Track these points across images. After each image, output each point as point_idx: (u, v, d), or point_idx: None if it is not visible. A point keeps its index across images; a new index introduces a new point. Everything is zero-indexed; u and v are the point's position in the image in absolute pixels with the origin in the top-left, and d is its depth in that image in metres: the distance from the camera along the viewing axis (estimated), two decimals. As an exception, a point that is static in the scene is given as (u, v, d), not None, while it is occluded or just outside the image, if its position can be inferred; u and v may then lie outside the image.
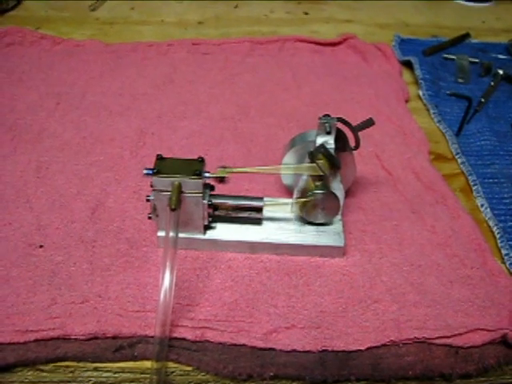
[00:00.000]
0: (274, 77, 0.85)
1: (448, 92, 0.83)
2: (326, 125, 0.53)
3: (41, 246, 0.55)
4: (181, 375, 0.47)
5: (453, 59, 0.90)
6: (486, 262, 0.55)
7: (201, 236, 0.55)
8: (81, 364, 0.46)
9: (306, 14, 1.08)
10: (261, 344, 0.47)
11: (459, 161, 0.70)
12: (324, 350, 0.47)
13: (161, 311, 0.45)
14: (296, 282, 0.53)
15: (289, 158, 0.59)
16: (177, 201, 0.49)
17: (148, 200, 0.53)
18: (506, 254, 0.57)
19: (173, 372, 0.46)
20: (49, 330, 0.47)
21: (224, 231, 0.56)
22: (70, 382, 0.47)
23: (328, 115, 0.55)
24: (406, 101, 0.81)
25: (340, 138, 0.56)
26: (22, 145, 0.69)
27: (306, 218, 0.56)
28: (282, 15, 1.07)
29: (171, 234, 0.48)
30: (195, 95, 0.80)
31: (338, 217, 0.57)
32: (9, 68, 0.85)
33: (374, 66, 0.87)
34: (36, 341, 0.47)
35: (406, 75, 0.88)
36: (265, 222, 0.57)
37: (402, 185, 0.65)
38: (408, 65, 0.89)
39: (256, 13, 1.08)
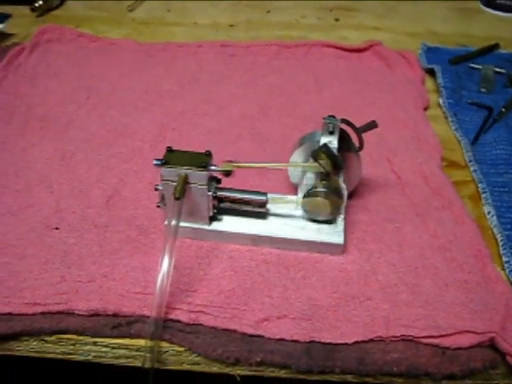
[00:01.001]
0: (297, 80, 0.87)
1: (469, 101, 0.82)
2: (330, 125, 0.55)
3: (56, 228, 0.59)
4: (173, 355, 0.49)
5: (478, 69, 0.90)
6: (484, 267, 0.56)
7: (206, 226, 0.57)
8: (81, 338, 0.49)
9: (337, 20, 1.10)
10: (250, 330, 0.49)
11: (471, 168, 0.70)
12: (311, 341, 0.48)
13: (157, 294, 0.47)
14: (293, 275, 0.55)
15: (297, 155, 0.61)
16: (181, 191, 0.52)
17: (156, 189, 0.56)
18: (507, 262, 0.57)
19: (166, 352, 0.49)
20: (55, 305, 0.50)
21: (229, 223, 0.58)
22: (71, 354, 0.50)
23: (333, 116, 0.56)
24: (425, 108, 0.82)
25: (344, 139, 0.58)
26: (50, 134, 0.73)
27: (308, 215, 0.57)
28: (313, 21, 1.09)
29: (173, 221, 0.50)
30: (218, 94, 0.83)
31: (342, 216, 0.59)
32: (47, 63, 0.90)
33: (397, 73, 0.88)
34: (42, 313, 0.50)
35: (429, 83, 0.88)
36: (270, 217, 0.59)
37: (409, 189, 0.66)
38: (433, 73, 0.89)
39: (287, 18, 1.10)
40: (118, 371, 0.55)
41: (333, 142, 0.56)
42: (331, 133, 0.55)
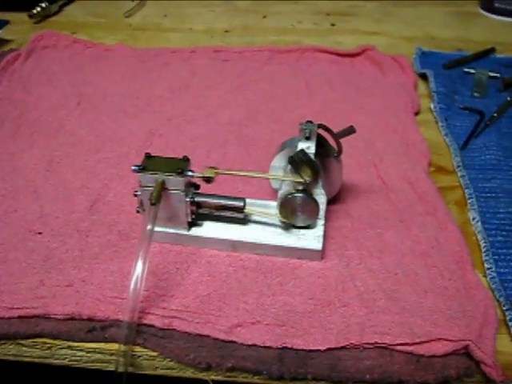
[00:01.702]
0: (288, 85, 0.87)
1: (461, 106, 0.82)
2: (306, 131, 0.55)
3: (39, 233, 0.60)
4: (147, 360, 0.49)
5: (472, 73, 0.89)
6: (465, 274, 0.55)
7: (185, 232, 0.58)
8: (57, 341, 0.50)
9: (333, 25, 1.10)
10: (223, 336, 0.49)
11: (459, 174, 0.69)
12: (284, 347, 0.48)
13: (130, 298, 0.48)
14: (270, 281, 0.54)
15: (277, 160, 0.60)
16: (157, 196, 0.52)
17: (135, 195, 0.56)
18: (489, 268, 0.56)
19: (140, 356, 0.49)
20: (32, 309, 0.51)
21: (208, 228, 0.58)
22: (47, 357, 0.51)
23: (310, 122, 0.56)
24: (416, 113, 0.81)
25: (322, 144, 0.57)
26: (40, 140, 0.74)
27: (286, 221, 0.57)
28: (308, 26, 1.09)
29: (148, 226, 0.51)
30: (208, 100, 0.83)
31: (322, 221, 0.59)
32: (41, 69, 0.91)
33: (389, 78, 0.88)
34: (19, 317, 0.51)
35: (422, 88, 0.88)
36: (250, 223, 0.59)
37: (394, 194, 0.65)
38: (425, 77, 0.89)
39: (283, 23, 1.10)
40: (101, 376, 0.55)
41: (310, 147, 0.56)
42: (307, 138, 0.55)
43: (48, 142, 0.74)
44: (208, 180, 0.56)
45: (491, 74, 0.88)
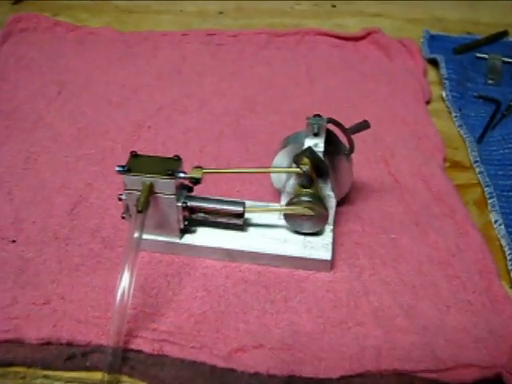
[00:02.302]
0: (287, 71, 0.80)
1: (475, 94, 0.76)
2: (314, 126, 0.48)
3: (13, 241, 0.53)
4: (137, 390, 0.43)
5: (485, 59, 0.83)
6: (490, 286, 0.49)
7: (177, 240, 0.51)
8: (31, 370, 0.43)
9: (334, 6, 1.02)
10: (221, 363, 0.43)
11: (477, 170, 0.63)
12: (291, 376, 0.42)
13: (115, 319, 0.42)
14: (273, 296, 0.48)
15: (280, 158, 0.54)
16: (144, 202, 0.46)
17: (120, 199, 0.49)
18: (516, 279, 0.51)
19: (127, 387, 0.43)
20: (2, 332, 0.45)
21: (202, 236, 0.52)
22: (22, 388, 0.44)
23: (318, 115, 0.50)
24: (427, 102, 0.75)
25: (332, 141, 0.51)
26: (16, 134, 0.67)
27: (291, 227, 0.51)
28: (308, 7, 1.02)
29: (135, 234, 0.44)
30: (201, 88, 0.76)
31: (330, 226, 0.53)
32: (18, 54, 0.83)
33: (396, 63, 0.81)
34: (-13, 342, 0.44)
35: (432, 74, 0.81)
36: (249, 228, 0.53)
37: (408, 194, 0.59)
38: (435, 63, 0.82)
39: (281, 4, 1.02)
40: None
41: (319, 144, 0.50)
42: (316, 134, 0.49)
43: (25, 136, 0.67)
44: (195, 181, 0.49)
45: (505, 60, 0.82)
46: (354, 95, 0.75)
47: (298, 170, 0.48)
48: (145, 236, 0.51)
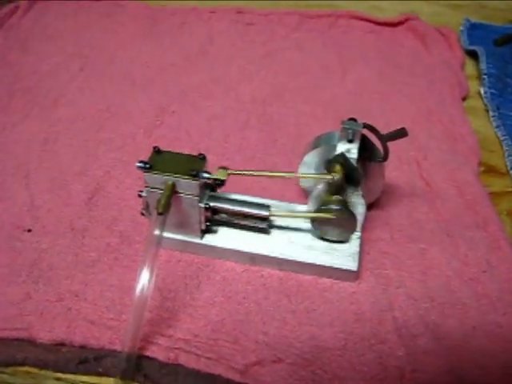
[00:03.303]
0: (318, 57, 0.77)
1: (516, 92, 0.72)
2: (349, 132, 0.46)
3: (29, 230, 0.52)
4: (149, 398, 0.42)
5: (529, 52, 0.78)
6: (522, 308, 0.47)
7: (198, 240, 0.49)
8: (42, 372, 0.42)
9: (371, -15, 0.97)
10: (238, 378, 0.41)
11: (514, 177, 0.60)
12: (309, 395, 0.41)
13: (132, 323, 0.40)
14: (295, 306, 0.46)
15: (310, 158, 0.51)
16: (166, 204, 0.44)
17: (140, 196, 0.47)
18: (550, 302, 0.48)
19: (140, 394, 0.42)
20: (14, 330, 0.43)
21: (224, 237, 0.50)
22: (32, 387, 0.44)
23: (354, 119, 0.47)
24: (464, 98, 0.71)
25: (367, 148, 0.48)
26: (36, 111, 0.65)
27: (317, 233, 0.49)
28: (343, -15, 0.97)
29: (155, 232, 0.42)
30: (228, 71, 0.73)
31: (357, 234, 0.50)
32: (42, 25, 0.81)
33: (433, 54, 0.77)
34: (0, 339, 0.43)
35: (469, 67, 0.77)
36: (272, 231, 0.51)
37: (440, 200, 0.56)
38: (473, 55, 0.78)
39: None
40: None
41: (352, 150, 0.47)
42: (350, 141, 0.46)
43: (45, 114, 0.65)
44: (220, 183, 0.47)
45: (551, 55, 0.77)
46: (388, 88, 0.71)
47: (329, 177, 0.45)
48: (165, 234, 0.49)
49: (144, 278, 0.40)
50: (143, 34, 0.79)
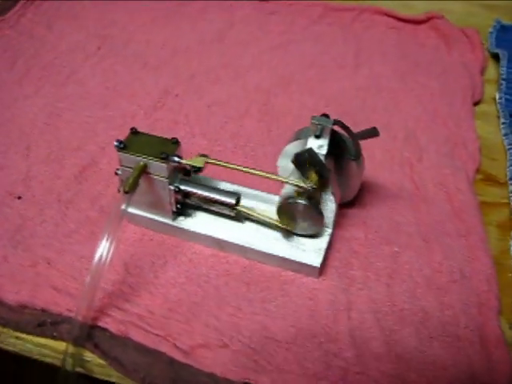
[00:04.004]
0: (334, 50, 0.76)
1: (533, 100, 0.68)
2: (318, 127, 0.45)
3: (19, 198, 0.55)
4: (99, 366, 0.44)
5: (557, 59, 0.74)
6: (486, 324, 0.45)
7: (169, 221, 0.51)
8: (5, 330, 0.45)
9: (405, -19, 0.94)
10: (180, 357, 0.42)
11: (510, 188, 0.58)
12: (246, 383, 0.41)
13: (85, 293, 0.42)
14: (253, 295, 0.47)
15: (291, 149, 0.50)
16: (133, 184, 0.45)
17: (116, 174, 0.49)
18: (518, 320, 0.46)
19: (89, 361, 0.44)
20: (-15, 290, 0.46)
21: (195, 221, 0.51)
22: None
23: (326, 115, 0.46)
24: (477, 102, 0.68)
25: (340, 144, 0.48)
26: (47, 87, 0.68)
27: (284, 227, 0.49)
28: (377, -21, 0.95)
29: (119, 212, 0.44)
30: (239, 59, 0.74)
31: (328, 230, 0.50)
32: (70, 3, 0.83)
33: (453, 55, 0.74)
34: (-30, 296, 0.46)
35: (492, 71, 0.74)
36: (245, 220, 0.51)
37: (425, 205, 0.55)
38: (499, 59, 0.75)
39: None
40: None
41: (323, 147, 0.46)
42: (318, 136, 0.45)
43: (55, 90, 0.68)
44: (196, 170, 0.48)
45: None
46: (399, 86, 0.70)
47: (304, 186, 0.45)
48: (140, 213, 0.51)
49: (102, 250, 0.42)
50: (165, 17, 0.81)
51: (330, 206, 0.49)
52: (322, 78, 0.71)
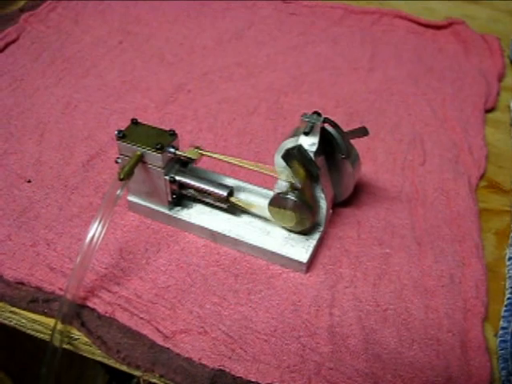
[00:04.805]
0: (350, 53, 0.76)
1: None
2: (308, 124, 0.46)
3: (29, 181, 0.57)
4: (85, 344, 0.46)
5: None
6: (470, 330, 0.45)
7: (165, 211, 0.52)
8: (1, 304, 0.47)
9: (432, -15, 0.94)
10: (160, 341, 0.44)
11: (514, 196, 0.57)
12: (220, 370, 0.42)
13: (74, 273, 0.44)
14: (239, 286, 0.48)
15: (288, 145, 0.51)
16: (128, 172, 0.47)
17: (117, 162, 0.51)
18: (503, 328, 0.46)
19: (77, 339, 0.46)
20: (-13, 265, 0.49)
21: (190, 211, 0.52)
22: (-3, 316, 0.49)
23: (318, 113, 0.47)
24: (490, 109, 0.68)
25: (331, 143, 0.48)
26: (68, 78, 0.71)
27: (275, 222, 0.50)
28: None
29: (111, 200, 0.46)
30: (255, 58, 0.75)
31: (320, 228, 0.51)
32: (97, 1, 0.86)
33: (471, 61, 0.74)
34: (-29, 270, 0.49)
35: (510, 79, 0.73)
36: (238, 213, 0.52)
37: (423, 209, 0.55)
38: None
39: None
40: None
41: (314, 144, 0.47)
42: (306, 133, 0.46)
43: (74, 81, 0.70)
44: (191, 160, 0.49)
45: None
46: (411, 91, 0.70)
47: (292, 180, 0.46)
48: (139, 201, 0.53)
49: (93, 231, 0.44)
50: (187, 14, 0.83)
51: (321, 204, 0.49)
52: (334, 79, 0.72)
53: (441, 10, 0.86)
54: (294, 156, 0.45)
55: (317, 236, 0.50)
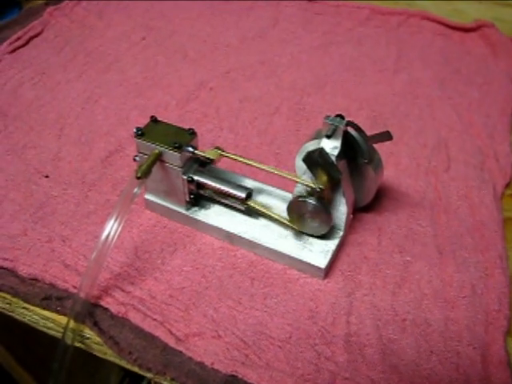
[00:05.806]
0: (375, 54, 0.75)
1: None
2: (331, 127, 0.45)
3: (46, 176, 0.57)
4: (96, 344, 0.45)
5: None
6: (492, 344, 0.44)
7: (183, 211, 0.52)
8: (14, 299, 0.47)
9: (462, -14, 0.92)
10: (173, 343, 0.43)
11: (541, 207, 0.55)
12: (233, 376, 0.42)
13: (88, 271, 0.43)
14: (255, 290, 0.47)
15: (309, 147, 0.50)
16: (146, 170, 0.46)
17: (135, 160, 0.50)
18: (527, 343, 0.44)
19: (88, 338, 0.45)
20: (2, 260, 0.48)
21: (207, 212, 0.52)
22: (10, 311, 0.49)
23: (341, 116, 0.46)
24: (516, 116, 0.66)
25: (352, 147, 0.47)
26: (89, 73, 0.71)
27: (292, 226, 0.49)
28: (432, -16, 0.93)
29: (128, 198, 0.45)
30: (279, 57, 0.74)
31: (340, 233, 0.50)
32: (123, -5, 0.86)
33: (499, 65, 0.72)
34: (-12, 265, 0.49)
35: (541, 84, 0.71)
36: (256, 215, 0.51)
37: (446, 216, 0.53)
38: (549, 72, 0.72)
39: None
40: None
41: (336, 148, 0.46)
42: (328, 136, 0.45)
43: (96, 76, 0.70)
44: (211, 161, 0.48)
45: None
46: (437, 94, 0.68)
47: (313, 185, 0.45)
48: (156, 200, 0.52)
49: (109, 229, 0.43)
50: (211, 12, 0.82)
51: (341, 209, 0.48)
52: (358, 80, 0.70)
53: (470, 12, 0.83)
54: (316, 159, 0.44)
55: (336, 241, 0.49)
